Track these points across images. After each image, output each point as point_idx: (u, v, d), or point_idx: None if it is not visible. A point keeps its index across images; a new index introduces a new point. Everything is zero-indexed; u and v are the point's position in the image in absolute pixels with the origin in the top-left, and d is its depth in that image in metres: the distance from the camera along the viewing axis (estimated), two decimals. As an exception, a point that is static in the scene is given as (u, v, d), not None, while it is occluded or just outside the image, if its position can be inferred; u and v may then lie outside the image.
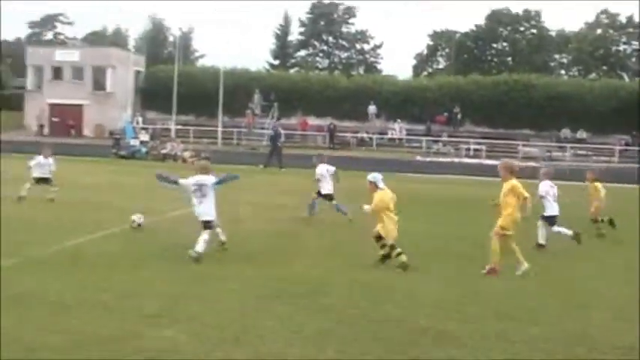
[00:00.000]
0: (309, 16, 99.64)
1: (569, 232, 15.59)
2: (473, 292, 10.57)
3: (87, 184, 26.88)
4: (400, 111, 62.31)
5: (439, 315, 9.21)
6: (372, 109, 63.09)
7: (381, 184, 12.77)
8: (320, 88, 66.21)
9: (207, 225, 12.91)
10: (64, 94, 65.14)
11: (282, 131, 47.07)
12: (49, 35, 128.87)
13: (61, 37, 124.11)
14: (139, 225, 15.84)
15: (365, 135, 59.38)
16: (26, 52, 72.26)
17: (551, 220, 15.57)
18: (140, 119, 61.57)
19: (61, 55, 67.88)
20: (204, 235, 12.68)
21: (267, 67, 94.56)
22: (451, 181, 37.14)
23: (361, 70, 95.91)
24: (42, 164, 21.59)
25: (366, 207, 12.57)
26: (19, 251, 12.36)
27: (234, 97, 61.00)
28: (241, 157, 44.73)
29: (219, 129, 58.14)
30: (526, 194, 12.21)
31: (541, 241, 15.44)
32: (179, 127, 59.41)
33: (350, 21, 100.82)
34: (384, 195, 12.62)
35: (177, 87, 60.29)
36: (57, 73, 67.12)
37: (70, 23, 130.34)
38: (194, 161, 39.85)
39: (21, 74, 79.57)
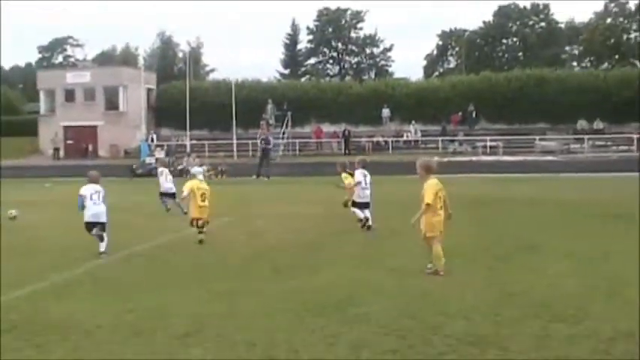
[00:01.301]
0: (317, 23, 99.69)
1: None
2: (508, 294, 10.27)
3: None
4: (414, 113, 62.00)
5: (476, 319, 8.93)
6: (385, 112, 62.90)
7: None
8: (332, 95, 66.09)
9: (103, 226, 14.56)
10: (78, 116, 65.39)
11: (273, 140, 46.81)
12: (59, 58, 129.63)
13: (71, 59, 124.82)
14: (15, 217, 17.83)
15: (380, 139, 59.12)
16: (37, 77, 72.53)
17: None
18: (154, 136, 61.56)
19: (72, 78, 68.05)
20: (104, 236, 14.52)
21: (278, 76, 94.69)
22: (470, 180, 36.81)
23: (372, 75, 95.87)
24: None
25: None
26: (43, 276, 12.20)
27: (247, 108, 60.96)
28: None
29: (234, 141, 58.04)
30: (427, 199, 11.82)
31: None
32: (194, 142, 59.34)
33: (358, 26, 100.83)
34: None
35: (189, 102, 60.22)
36: (69, 95, 67.31)
37: (79, 45, 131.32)
38: (211, 175, 39.95)
39: (33, 99, 79.93)
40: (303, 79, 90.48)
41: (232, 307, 9.80)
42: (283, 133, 59.38)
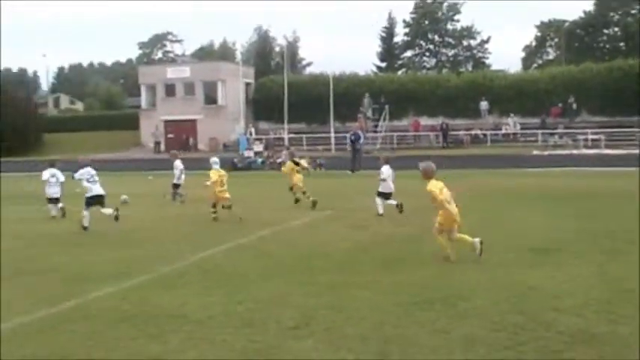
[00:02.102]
0: (413, 16, 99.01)
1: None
2: (622, 291, 9.97)
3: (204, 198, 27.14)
4: (513, 105, 60.91)
5: (589, 316, 8.69)
6: (483, 105, 62.00)
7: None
8: (430, 88, 65.50)
9: (101, 199, 18.22)
10: (178, 110, 66.61)
11: (362, 134, 46.56)
12: (159, 54, 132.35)
13: (171, 54, 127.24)
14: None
15: (479, 132, 58.38)
16: (139, 72, 74.13)
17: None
18: (252, 130, 62.17)
19: (172, 73, 69.30)
20: (107, 211, 18.07)
21: (375, 70, 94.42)
22: (572, 173, 36.02)
23: (469, 67, 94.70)
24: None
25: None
26: (151, 268, 12.45)
27: (344, 102, 61.05)
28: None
29: (332, 135, 58.16)
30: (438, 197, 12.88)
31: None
32: (292, 135, 59.68)
33: (455, 18, 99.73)
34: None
35: (287, 96, 60.63)
36: (169, 90, 68.58)
37: (178, 41, 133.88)
38: (309, 168, 40.15)
39: (134, 94, 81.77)
40: (399, 72, 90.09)
41: (340, 299, 9.79)
42: (380, 126, 59.18)
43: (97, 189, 18.23)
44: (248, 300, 9.89)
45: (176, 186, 25.94)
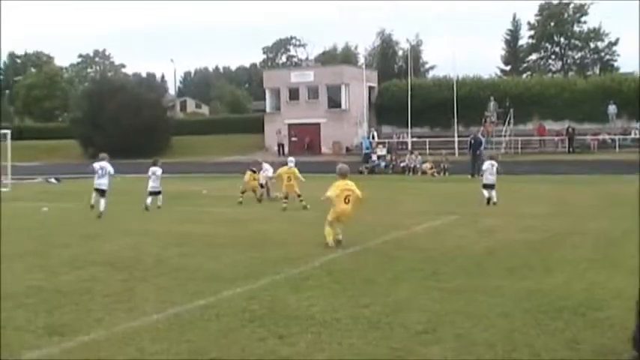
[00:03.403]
0: (538, 18, 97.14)
1: None
2: None
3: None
4: (643, 109, 59.08)
5: None
6: (612, 109, 60.28)
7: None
8: (555, 91, 64.27)
9: (103, 192, 22.08)
10: (301, 113, 67.47)
11: (483, 138, 45.84)
12: (283, 58, 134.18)
13: (294, 59, 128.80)
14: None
15: (606, 136, 56.84)
16: (264, 76, 75.33)
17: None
18: (375, 134, 62.29)
19: (296, 77, 70.20)
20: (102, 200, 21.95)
21: (499, 73, 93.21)
22: None
23: (597, 70, 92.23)
24: None
25: None
26: (278, 268, 12.64)
27: (467, 106, 60.54)
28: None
29: (456, 139, 57.66)
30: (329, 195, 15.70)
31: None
32: (415, 139, 59.53)
33: (582, 19, 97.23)
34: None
35: (410, 99, 60.48)
36: (293, 94, 69.48)
37: (302, 45, 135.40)
38: (433, 173, 39.95)
39: (259, 97, 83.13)
40: (524, 76, 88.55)
41: (468, 305, 9.70)
42: (504, 131, 58.33)
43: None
44: (375, 303, 9.89)
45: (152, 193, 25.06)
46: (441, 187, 31.97)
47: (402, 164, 47.97)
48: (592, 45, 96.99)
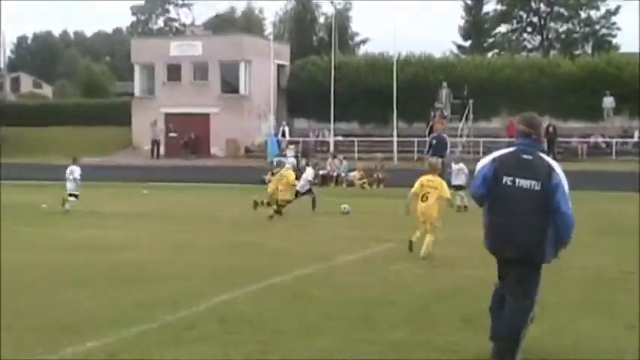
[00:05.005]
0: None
1: None
2: None
3: (224, 220, 27.40)
4: (649, 104, 60.58)
5: None
6: (608, 101, 61.57)
7: None
8: (532, 77, 65.41)
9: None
10: (184, 100, 67.28)
11: (449, 140, 46.26)
12: (160, 23, 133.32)
13: (176, 24, 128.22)
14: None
15: (600, 139, 58.04)
16: (131, 47, 74.70)
17: None
18: (286, 130, 62.40)
19: (177, 49, 70.04)
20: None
21: (456, 51, 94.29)
22: None
23: (589, 48, 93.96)
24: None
25: None
26: (148, 313, 12.58)
27: (412, 94, 60.98)
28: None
29: (395, 139, 58.15)
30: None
31: None
32: (339, 138, 59.78)
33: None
34: None
35: (334, 84, 60.67)
36: (173, 72, 69.23)
37: (186, 5, 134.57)
38: (364, 184, 40.31)
39: (125, 77, 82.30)
40: (490, 54, 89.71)
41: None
42: (461, 129, 58.97)
43: None
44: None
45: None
46: (374, 204, 32.12)
47: (321, 172, 48.14)
48: (583, 14, 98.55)
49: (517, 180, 9.53)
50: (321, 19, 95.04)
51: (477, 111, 61.04)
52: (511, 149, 9.90)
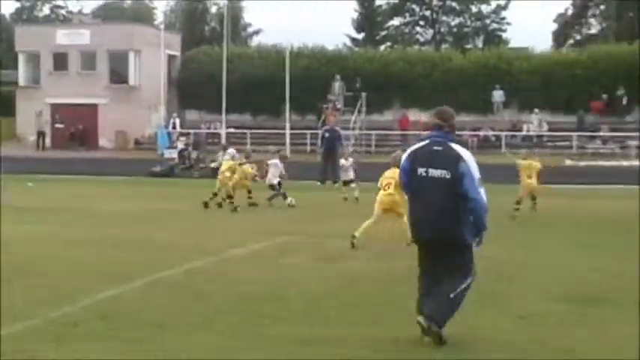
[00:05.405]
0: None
1: None
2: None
3: (112, 214, 27.06)
4: (538, 97, 61.49)
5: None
6: (497, 95, 62.34)
7: None
8: (424, 70, 65.83)
9: None
10: (71, 90, 66.15)
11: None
12: (46, 10, 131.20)
13: (62, 11, 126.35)
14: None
15: (490, 133, 58.73)
16: (15, 35, 73.39)
17: None
18: (177, 122, 62.03)
19: (64, 37, 68.84)
20: None
21: (349, 43, 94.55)
22: (619, 193, 36.37)
23: (479, 43, 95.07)
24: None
25: None
26: (30, 310, 12.30)
27: (305, 86, 61.05)
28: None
29: (287, 131, 58.17)
30: None
31: None
32: (231, 130, 59.60)
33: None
34: None
35: (226, 75, 60.44)
36: (59, 61, 68.19)
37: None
38: (256, 176, 40.11)
39: (8, 65, 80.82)
40: (382, 47, 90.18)
41: (300, 360, 9.79)
42: (354, 122, 59.18)
43: None
44: (165, 354, 9.93)
45: None
46: (264, 198, 32.05)
47: (212, 164, 47.91)
48: (474, 8, 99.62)
49: (430, 170, 10.41)
50: (213, 9, 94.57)
51: (370, 104, 61.35)
52: (425, 142, 10.74)
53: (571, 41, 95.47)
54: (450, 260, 10.54)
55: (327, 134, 42.57)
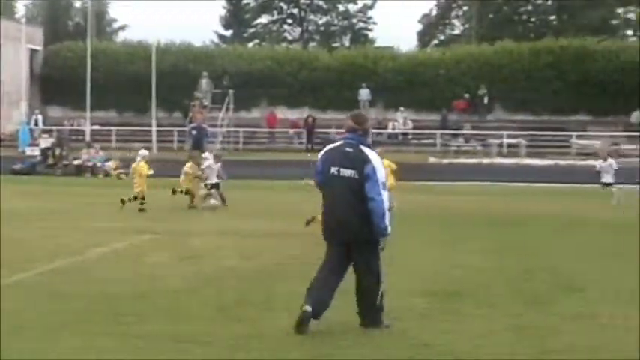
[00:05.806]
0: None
1: None
2: (545, 351, 10.24)
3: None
4: (403, 96, 62.24)
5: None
6: (364, 93, 62.82)
7: None
8: (291, 68, 66.12)
9: None
10: None
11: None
12: None
13: None
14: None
15: (357, 130, 58.98)
16: None
17: None
18: (40, 118, 61.08)
19: None
20: None
21: (217, 40, 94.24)
22: (482, 190, 36.95)
23: (347, 42, 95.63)
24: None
25: None
26: None
27: (172, 83, 60.74)
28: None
29: (154, 128, 57.72)
30: None
31: None
32: (96, 127, 58.91)
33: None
34: None
35: (91, 72, 59.70)
36: None
37: None
38: (120, 174, 39.82)
39: None
40: (250, 45, 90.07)
41: (164, 356, 9.78)
42: (221, 119, 59.04)
43: None
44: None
45: None
46: (130, 195, 31.75)
47: (76, 162, 47.45)
48: (341, 7, 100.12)
49: (341, 170, 10.97)
50: (77, 4, 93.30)
51: (238, 101, 61.40)
52: (339, 143, 11.35)
53: (435, 41, 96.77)
54: (358, 258, 11.13)
55: (194, 132, 42.21)
